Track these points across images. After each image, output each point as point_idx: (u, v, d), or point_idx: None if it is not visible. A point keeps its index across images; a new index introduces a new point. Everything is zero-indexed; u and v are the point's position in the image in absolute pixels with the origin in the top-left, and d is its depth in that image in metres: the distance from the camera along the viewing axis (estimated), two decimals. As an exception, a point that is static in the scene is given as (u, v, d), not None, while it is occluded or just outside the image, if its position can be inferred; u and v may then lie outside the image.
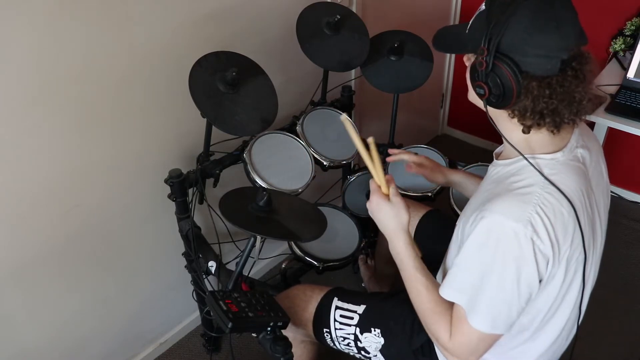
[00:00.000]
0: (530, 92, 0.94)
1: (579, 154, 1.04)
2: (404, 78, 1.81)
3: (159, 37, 1.48)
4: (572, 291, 1.06)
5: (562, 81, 0.94)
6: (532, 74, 0.93)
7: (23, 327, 1.50)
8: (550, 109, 0.95)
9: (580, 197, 1.00)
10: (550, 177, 0.97)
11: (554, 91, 0.94)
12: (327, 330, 1.35)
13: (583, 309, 1.12)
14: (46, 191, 1.40)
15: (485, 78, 0.96)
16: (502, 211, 0.95)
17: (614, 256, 2.31)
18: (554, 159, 1.00)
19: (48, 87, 1.30)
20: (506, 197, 0.97)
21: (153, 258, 1.78)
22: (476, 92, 1.01)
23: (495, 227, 0.95)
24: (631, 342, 1.98)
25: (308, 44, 1.64)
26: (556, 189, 0.96)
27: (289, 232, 1.29)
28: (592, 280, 1.14)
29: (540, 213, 0.94)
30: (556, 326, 1.10)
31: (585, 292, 1.10)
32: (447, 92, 3.04)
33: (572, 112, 0.97)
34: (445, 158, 1.82)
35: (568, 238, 0.97)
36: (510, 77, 0.93)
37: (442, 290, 1.06)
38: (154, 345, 1.93)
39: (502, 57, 0.93)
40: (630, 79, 2.07)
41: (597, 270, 1.15)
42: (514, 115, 0.99)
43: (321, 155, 1.71)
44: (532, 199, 0.95)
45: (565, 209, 0.96)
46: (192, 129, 1.63)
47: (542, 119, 0.96)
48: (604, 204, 1.12)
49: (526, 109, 0.96)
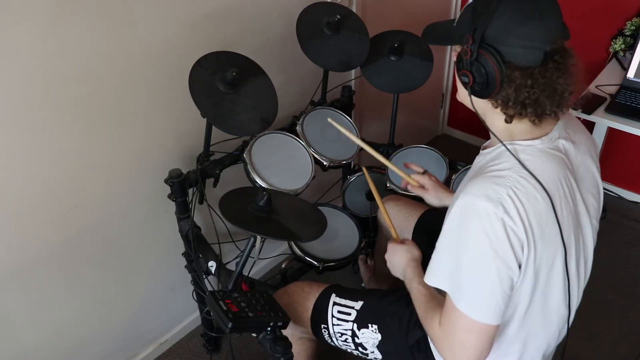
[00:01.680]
0: (513, 81, 0.96)
1: (561, 145, 1.05)
2: (404, 78, 1.81)
3: (159, 37, 1.48)
4: (555, 285, 1.05)
5: (544, 72, 0.97)
6: (516, 64, 0.96)
7: (23, 327, 1.50)
8: (532, 99, 0.97)
9: (558, 184, 1.01)
10: (525, 162, 0.99)
11: (536, 81, 0.96)
12: (324, 326, 1.35)
13: (573, 307, 1.11)
14: (46, 191, 1.40)
15: (470, 67, 0.99)
16: (474, 192, 0.97)
17: (614, 256, 2.31)
18: (532, 145, 1.02)
19: (48, 87, 1.30)
20: (480, 180, 0.99)
21: (153, 258, 1.78)
22: (461, 81, 1.04)
23: (468, 207, 0.97)
24: (631, 342, 1.98)
25: (308, 44, 1.64)
26: (529, 173, 0.97)
27: (289, 232, 1.29)
28: (584, 279, 1.13)
29: (512, 195, 0.95)
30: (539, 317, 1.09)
31: (573, 290, 1.09)
32: (447, 92, 3.04)
33: (553, 104, 0.99)
34: (445, 158, 1.82)
35: (543, 222, 0.98)
36: (494, 65, 0.96)
37: (425, 278, 1.07)
38: (154, 345, 1.93)
39: (487, 47, 0.96)
40: (630, 79, 2.07)
41: (589, 269, 1.15)
42: (497, 104, 1.01)
43: (321, 155, 1.71)
44: (505, 181, 0.97)
45: (539, 194, 0.97)
46: (192, 129, 1.63)
47: (524, 108, 0.99)
48: (593, 201, 1.12)
49: (509, 98, 0.98)
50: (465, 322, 0.99)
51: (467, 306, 0.98)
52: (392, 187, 1.76)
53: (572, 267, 1.07)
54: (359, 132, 1.85)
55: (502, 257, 0.96)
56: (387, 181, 1.78)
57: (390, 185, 1.76)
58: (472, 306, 0.98)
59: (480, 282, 0.98)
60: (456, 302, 1.00)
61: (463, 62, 1.00)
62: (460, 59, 1.01)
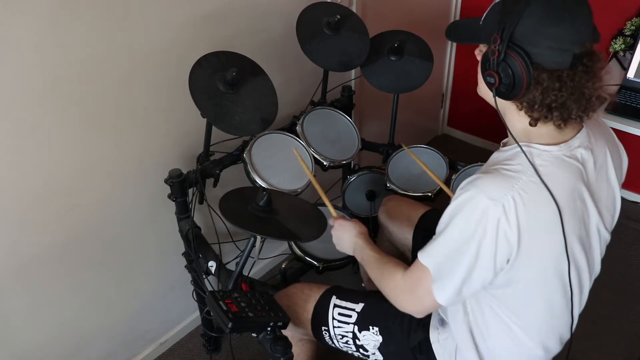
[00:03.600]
0: (540, 83, 0.94)
1: (579, 154, 1.03)
2: (404, 78, 1.81)
3: (159, 37, 1.48)
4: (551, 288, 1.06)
5: (572, 75, 0.95)
6: (543, 66, 0.94)
7: (23, 327, 1.50)
8: (559, 103, 0.95)
9: (568, 194, 1.00)
10: (539, 168, 0.98)
11: (564, 85, 0.94)
12: (325, 328, 1.35)
13: (575, 315, 1.12)
14: (47, 191, 1.40)
15: (497, 67, 0.96)
16: (482, 187, 0.97)
17: (614, 256, 2.30)
18: (547, 150, 1.00)
19: (48, 87, 1.30)
20: (490, 176, 0.99)
21: (153, 258, 1.78)
22: (486, 82, 1.01)
23: (470, 199, 0.97)
24: (631, 342, 1.98)
25: (308, 44, 1.64)
26: (541, 181, 0.96)
27: (289, 232, 1.29)
28: (587, 290, 1.13)
29: (517, 198, 0.94)
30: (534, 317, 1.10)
31: (575, 301, 1.09)
32: (447, 92, 3.04)
33: (580, 108, 0.97)
34: (445, 158, 1.82)
35: (542, 228, 0.98)
36: (522, 67, 0.93)
37: (419, 253, 1.08)
38: (154, 345, 1.93)
39: (515, 47, 0.93)
40: (630, 79, 2.07)
41: (592, 277, 1.14)
42: (522, 107, 0.99)
43: (321, 155, 1.71)
44: (514, 183, 0.96)
45: (546, 200, 0.96)
46: (192, 129, 1.63)
47: (550, 112, 0.96)
48: (607, 213, 1.10)
49: (535, 101, 0.96)
50: (427, 283, 1.05)
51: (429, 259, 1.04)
52: (392, 187, 1.76)
53: (574, 278, 1.06)
54: (359, 132, 1.85)
55: (481, 254, 0.97)
56: (387, 181, 1.78)
57: (390, 185, 1.76)
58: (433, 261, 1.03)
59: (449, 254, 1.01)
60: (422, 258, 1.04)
61: (490, 62, 0.97)
62: (487, 59, 0.98)
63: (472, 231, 0.97)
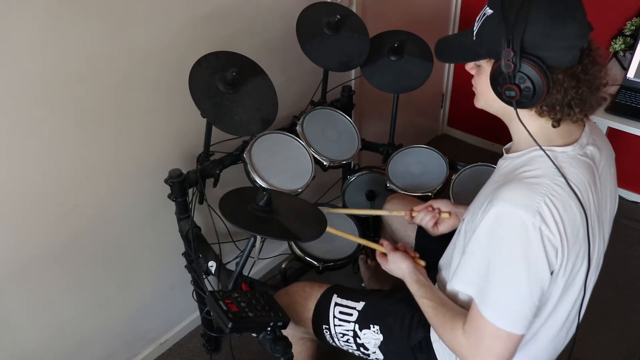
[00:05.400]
0: (560, 85, 0.95)
1: (589, 151, 1.04)
2: (404, 78, 1.81)
3: (159, 37, 1.48)
4: (573, 288, 1.05)
5: (584, 69, 0.96)
6: (557, 67, 0.94)
7: (23, 328, 1.50)
8: (578, 98, 0.96)
9: (588, 192, 1.00)
10: (560, 169, 0.98)
11: (580, 80, 0.96)
12: (326, 327, 1.35)
13: (583, 309, 1.12)
14: (47, 191, 1.40)
15: (514, 80, 0.96)
16: (511, 199, 0.95)
17: (614, 256, 2.30)
18: (564, 152, 1.01)
19: (48, 87, 1.30)
20: (515, 186, 0.98)
21: (153, 258, 1.78)
22: (506, 96, 0.99)
23: (504, 215, 0.95)
24: (631, 342, 1.98)
25: (308, 44, 1.64)
26: (565, 181, 0.96)
27: (289, 232, 1.29)
28: (592, 281, 1.13)
29: (549, 204, 0.94)
30: (557, 323, 1.10)
31: (586, 295, 1.09)
32: (447, 92, 3.04)
33: (594, 98, 0.99)
34: (445, 158, 1.82)
35: (575, 231, 0.97)
36: (540, 73, 0.93)
37: (452, 282, 1.06)
38: (154, 345, 1.93)
39: (528, 56, 0.93)
40: (630, 79, 2.07)
41: (598, 275, 1.15)
42: (542, 111, 0.99)
43: (321, 155, 1.71)
44: (541, 189, 0.95)
45: (573, 202, 0.96)
46: (192, 129, 1.63)
47: (571, 108, 0.97)
48: (610, 207, 1.11)
49: (556, 102, 0.97)
50: (490, 329, 0.98)
51: (493, 313, 0.98)
52: (392, 187, 1.76)
53: (591, 276, 1.06)
54: (359, 132, 1.85)
55: (535, 267, 0.95)
56: (387, 181, 1.78)
57: (390, 185, 1.76)
58: (499, 314, 0.98)
59: (510, 291, 0.97)
60: (482, 309, 0.99)
61: (504, 76, 0.96)
62: (500, 73, 0.97)
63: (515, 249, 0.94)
